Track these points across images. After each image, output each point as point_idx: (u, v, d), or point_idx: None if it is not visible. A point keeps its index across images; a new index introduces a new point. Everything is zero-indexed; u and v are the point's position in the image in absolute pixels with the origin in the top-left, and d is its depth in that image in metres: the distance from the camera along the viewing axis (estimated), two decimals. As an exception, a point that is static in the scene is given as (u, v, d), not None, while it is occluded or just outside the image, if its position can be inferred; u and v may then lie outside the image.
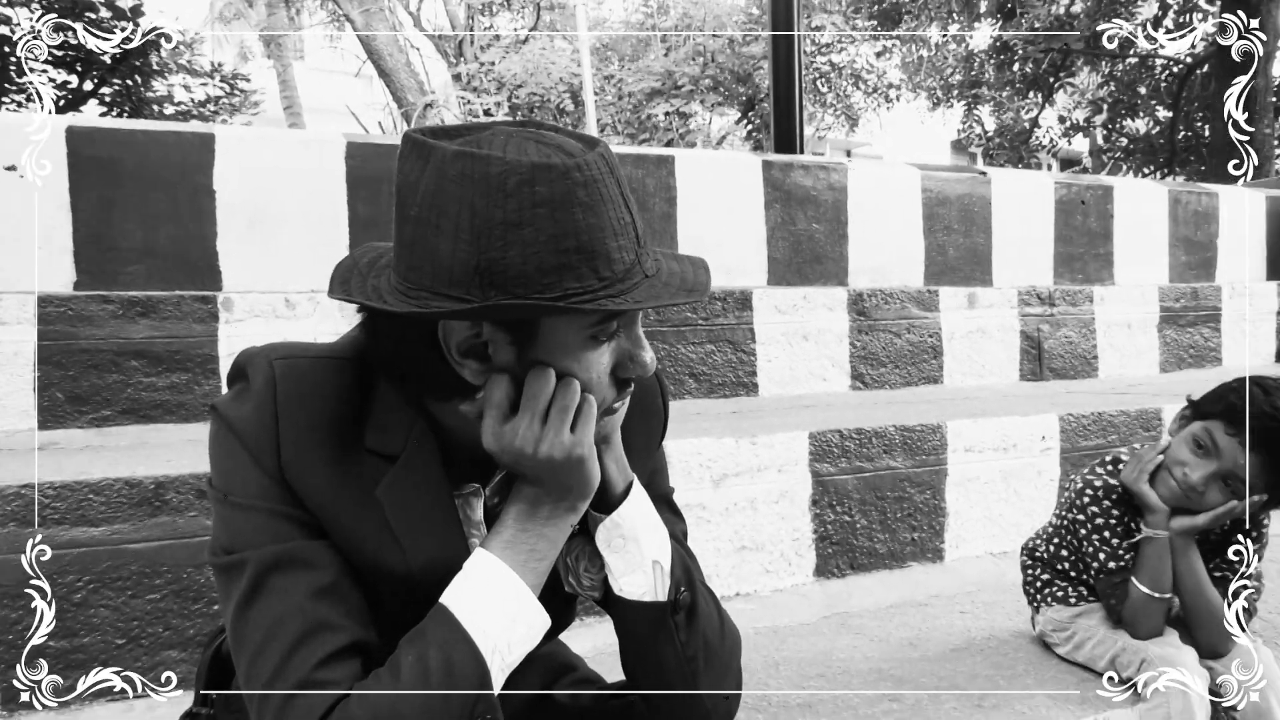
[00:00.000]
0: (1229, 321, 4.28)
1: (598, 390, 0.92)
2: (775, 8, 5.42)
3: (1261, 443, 1.57)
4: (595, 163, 0.84)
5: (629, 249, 0.87)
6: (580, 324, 0.88)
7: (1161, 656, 1.61)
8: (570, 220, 0.82)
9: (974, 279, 4.46)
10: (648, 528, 1.02)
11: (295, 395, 0.93)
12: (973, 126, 17.90)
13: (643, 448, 1.11)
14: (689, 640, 1.03)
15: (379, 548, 0.93)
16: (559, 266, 0.82)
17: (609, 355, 0.92)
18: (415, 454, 0.96)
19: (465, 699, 0.87)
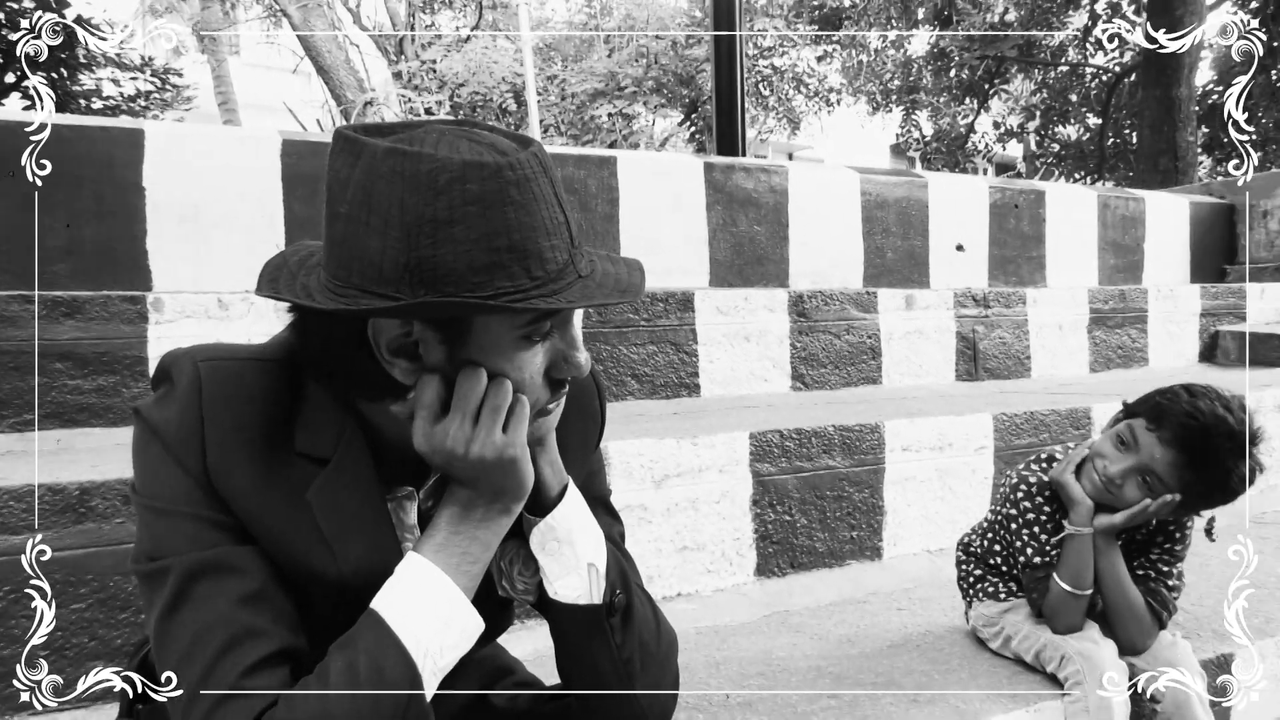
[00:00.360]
0: (1155, 323, 4.41)
1: (531, 391, 0.91)
2: (717, 9, 5.46)
3: (1177, 440, 1.61)
4: (528, 161, 0.84)
5: (562, 249, 0.86)
6: (512, 323, 0.87)
7: (1080, 651, 1.65)
8: (502, 218, 0.81)
9: (911, 281, 4.54)
10: (583, 530, 1.01)
11: (221, 398, 0.91)
12: (911, 131, 18.24)
13: (579, 449, 1.11)
14: (625, 642, 1.02)
15: (309, 552, 0.92)
16: (490, 265, 0.81)
17: (542, 356, 0.91)
18: (346, 456, 0.94)
19: (396, 703, 0.85)
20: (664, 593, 2.27)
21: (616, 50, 16.07)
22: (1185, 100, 9.74)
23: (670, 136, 17.59)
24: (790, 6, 16.30)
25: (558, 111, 15.76)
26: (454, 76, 14.81)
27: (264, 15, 18.28)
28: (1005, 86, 17.96)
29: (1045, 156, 17.85)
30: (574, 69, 16.10)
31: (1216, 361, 4.54)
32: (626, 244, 3.92)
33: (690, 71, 15.46)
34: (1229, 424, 1.61)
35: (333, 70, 13.95)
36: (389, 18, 17.41)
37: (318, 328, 0.90)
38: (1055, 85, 17.18)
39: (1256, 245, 5.57)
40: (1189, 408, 1.61)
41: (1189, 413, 1.61)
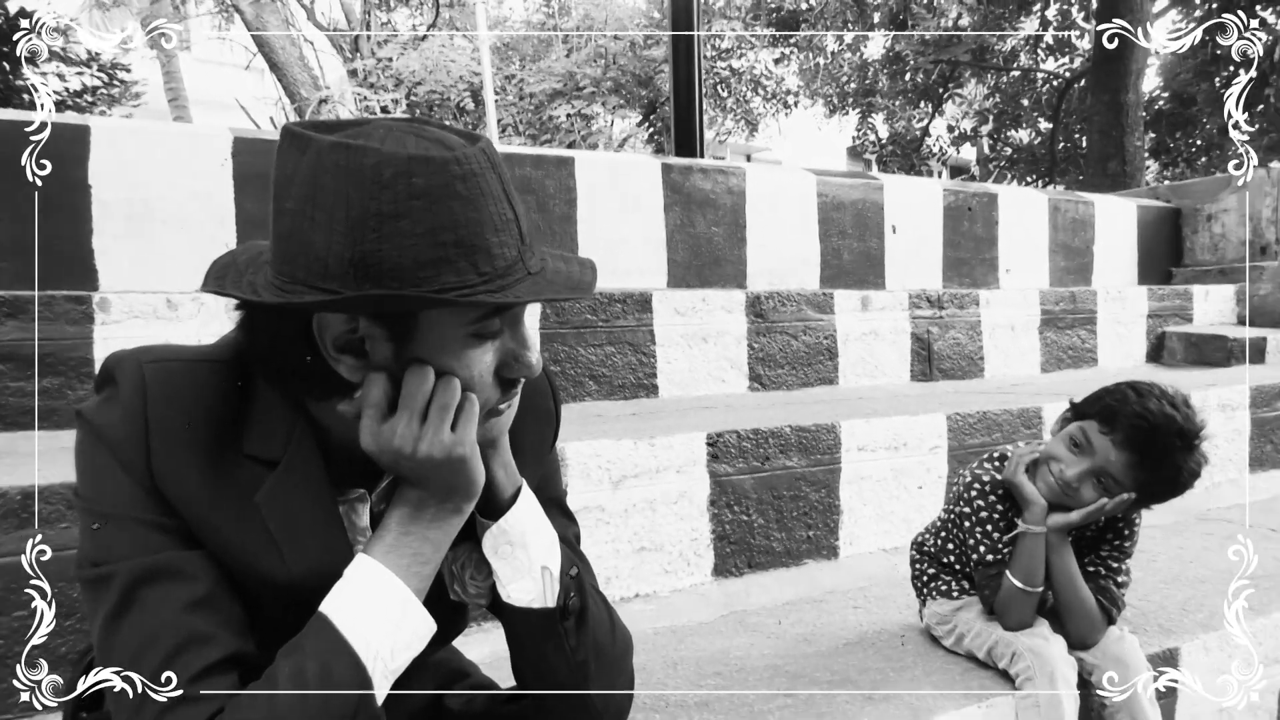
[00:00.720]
0: (1104, 324, 4.50)
1: (480, 390, 0.90)
2: (675, 10, 5.47)
3: (1130, 441, 1.64)
4: (475, 157, 0.83)
5: (511, 245, 0.85)
6: (460, 320, 0.86)
7: (1031, 647, 1.67)
8: (448, 213, 0.81)
9: (867, 282, 4.58)
10: (536, 533, 1.01)
11: (167, 400, 0.89)
12: (867, 134, 18.43)
13: (533, 450, 1.10)
14: (579, 645, 1.02)
15: (259, 555, 0.90)
16: (436, 260, 0.81)
17: (492, 354, 0.90)
18: (295, 458, 0.93)
19: (345, 706, 0.84)
20: (622, 594, 2.27)
21: (575, 50, 16.05)
22: (1133, 106, 9.95)
23: (629, 137, 17.60)
24: (748, 8, 16.40)
25: (516, 111, 15.70)
26: (410, 75, 14.68)
27: (215, 10, 17.98)
28: (959, 91, 18.23)
29: (998, 160, 18.15)
30: (532, 69, 16.04)
31: (1163, 362, 4.65)
32: (584, 244, 3.91)
33: (649, 72, 15.48)
34: (1178, 422, 1.64)
35: (286, 67, 13.75)
36: (344, 14, 17.21)
37: (265, 325, 0.88)
38: (1007, 90, 17.48)
39: (1201, 248, 5.71)
40: (1139, 409, 1.64)
41: (1140, 414, 1.64)
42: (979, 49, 15.67)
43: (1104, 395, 1.72)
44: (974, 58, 15.79)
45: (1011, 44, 16.14)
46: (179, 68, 16.54)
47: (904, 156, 17.88)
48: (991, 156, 18.62)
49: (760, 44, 17.00)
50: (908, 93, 17.51)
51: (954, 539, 1.90)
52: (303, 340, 0.87)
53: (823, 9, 15.65)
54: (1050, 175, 16.18)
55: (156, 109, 14.83)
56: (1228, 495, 3.27)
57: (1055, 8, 14.79)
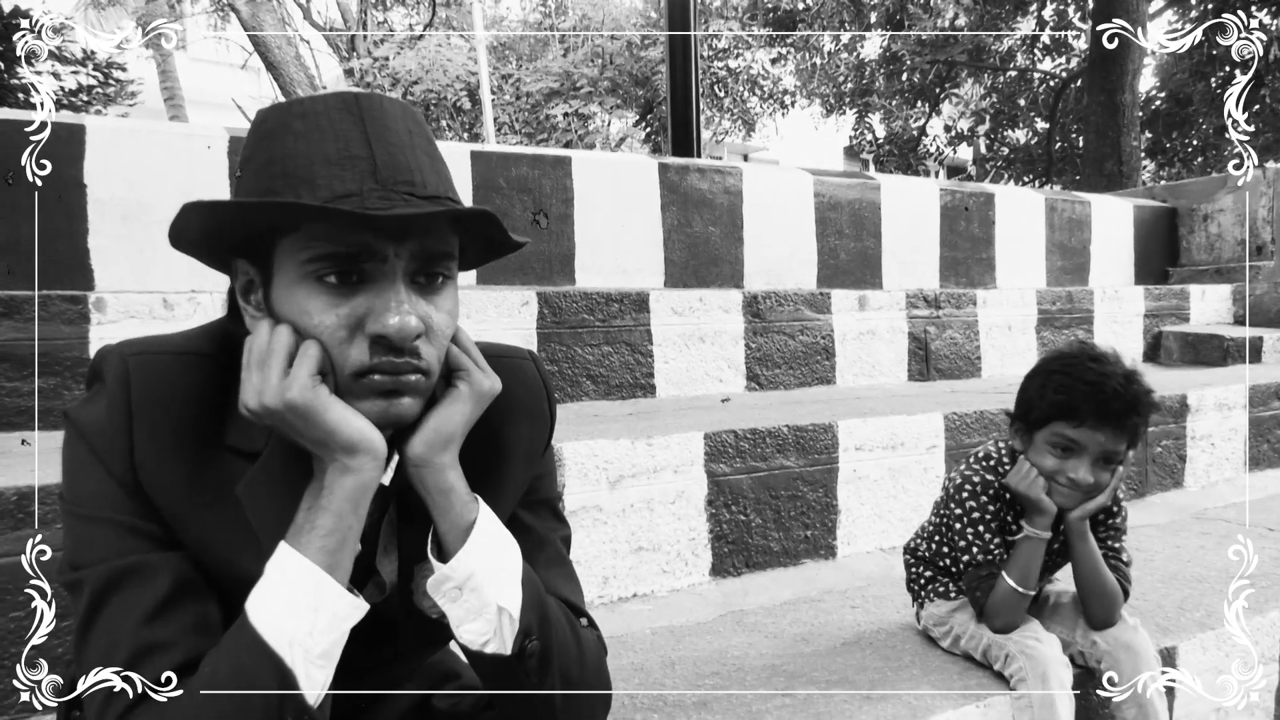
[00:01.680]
0: (1101, 323, 4.51)
1: (332, 343, 0.86)
2: (672, 10, 5.46)
3: (1104, 417, 1.61)
4: (327, 100, 0.88)
5: (350, 180, 0.84)
6: (296, 259, 0.86)
7: (1023, 649, 1.66)
8: (280, 147, 0.86)
9: (864, 282, 4.58)
10: (491, 573, 0.93)
11: (150, 393, 0.89)
12: (864, 133, 18.44)
13: (525, 453, 1.08)
14: (542, 684, 0.97)
15: (238, 549, 0.89)
16: (266, 189, 0.86)
17: (347, 308, 0.86)
18: (276, 451, 0.91)
19: (268, 703, 0.82)
20: (619, 593, 2.26)
21: (572, 50, 16.04)
22: (1129, 106, 9.96)
23: (626, 137, 17.60)
24: (745, 8, 16.40)
25: (513, 111, 15.69)
26: (407, 74, 14.67)
27: (211, 9, 17.95)
28: (956, 90, 18.25)
29: (994, 160, 18.17)
30: (529, 68, 16.04)
31: (1160, 361, 4.66)
32: (581, 244, 3.91)
33: (646, 72, 15.48)
34: (1118, 371, 1.62)
35: (282, 66, 13.74)
36: (340, 14, 17.19)
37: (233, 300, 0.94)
38: (1004, 90, 17.49)
39: (1197, 248, 5.72)
40: (1087, 387, 1.60)
41: (1091, 391, 1.60)
42: (975, 49, 15.69)
43: (1043, 394, 1.67)
44: (970, 58, 15.81)
45: (1008, 44, 16.16)
46: (175, 67, 16.50)
47: (901, 156, 17.90)
48: (988, 156, 18.64)
49: (757, 44, 17.01)
50: (904, 92, 17.52)
51: (947, 541, 1.90)
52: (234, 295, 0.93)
53: (819, 9, 15.65)
54: (1047, 175, 16.20)
55: (152, 108, 14.81)
56: (1224, 494, 3.28)
57: (1051, 8, 14.82)
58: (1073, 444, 1.65)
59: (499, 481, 1.04)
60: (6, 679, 1.55)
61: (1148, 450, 3.22)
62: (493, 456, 1.04)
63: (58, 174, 2.87)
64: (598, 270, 3.93)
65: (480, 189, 3.71)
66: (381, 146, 0.86)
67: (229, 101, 13.39)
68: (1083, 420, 1.62)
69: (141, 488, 0.88)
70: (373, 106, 0.88)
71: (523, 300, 3.04)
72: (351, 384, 0.87)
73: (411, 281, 0.88)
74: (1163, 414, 3.24)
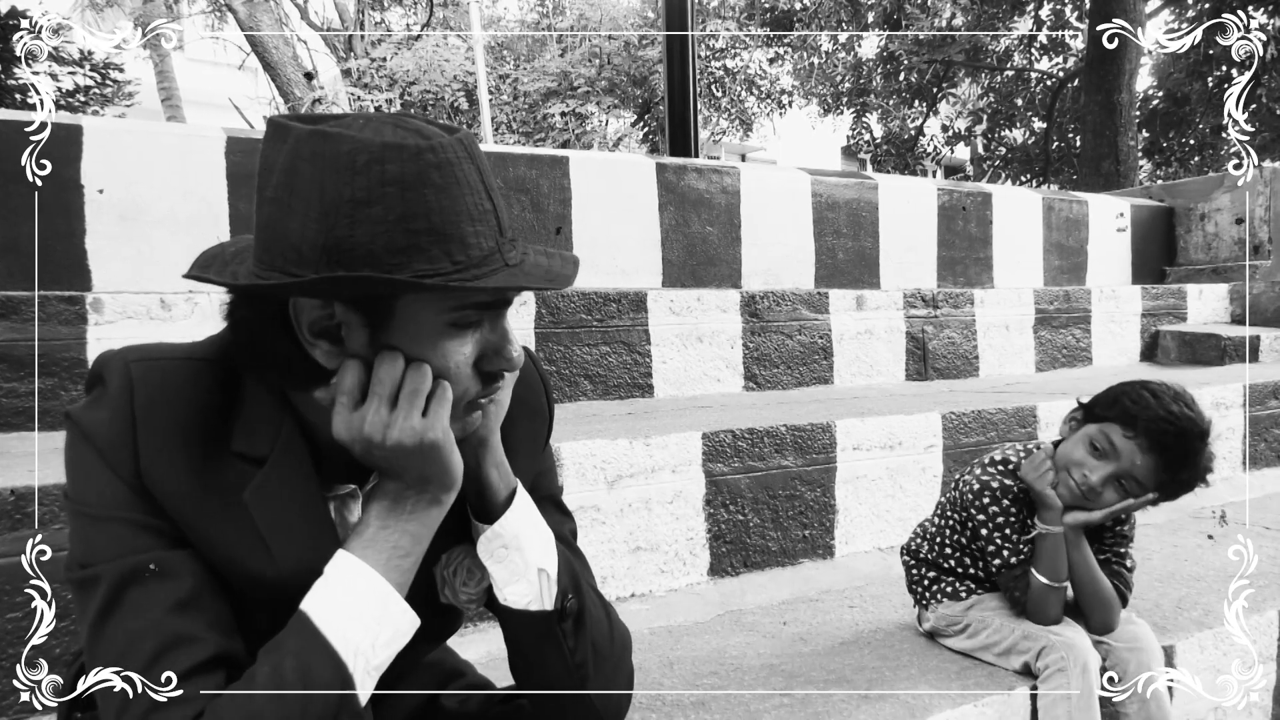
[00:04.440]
0: (1098, 323, 4.51)
1: (458, 381, 0.89)
2: (670, 10, 5.46)
3: (1156, 445, 1.64)
4: (452, 146, 0.83)
5: (488, 235, 0.85)
6: (437, 309, 0.86)
7: (1064, 639, 1.68)
8: (421, 201, 0.81)
9: (862, 282, 4.59)
10: (532, 536, 1.00)
11: (154, 399, 0.89)
12: (861, 133, 18.44)
13: (528, 449, 1.10)
14: (577, 647, 1.02)
15: (247, 553, 0.90)
16: (408, 247, 0.81)
17: (471, 346, 0.89)
18: (284, 455, 0.92)
19: (326, 704, 0.84)
20: (617, 593, 2.26)
21: (569, 50, 16.04)
22: (1126, 105, 9.97)
23: (623, 137, 17.59)
24: (742, 8, 16.40)
25: (510, 110, 15.68)
26: (404, 74, 14.66)
27: (209, 10, 17.93)
28: (953, 90, 18.25)
29: (992, 159, 18.17)
30: (526, 68, 16.03)
31: (1157, 360, 4.66)
32: (579, 244, 3.90)
33: (643, 72, 15.48)
34: (1199, 425, 1.65)
35: (280, 66, 13.72)
36: (338, 14, 17.18)
37: (246, 314, 0.89)
38: (1001, 89, 17.50)
39: (1195, 247, 5.72)
40: (1163, 412, 1.64)
41: (1164, 418, 1.63)
42: (973, 49, 15.70)
43: (1120, 397, 1.71)
44: (968, 57, 15.82)
45: (1005, 44, 16.17)
46: (172, 67, 16.49)
47: (898, 156, 17.90)
48: (986, 156, 18.64)
49: (754, 44, 17.01)
50: (902, 92, 17.53)
51: (953, 544, 1.90)
52: (281, 328, 0.87)
53: (817, 8, 15.66)
54: (1044, 175, 16.20)
55: (150, 109, 14.79)
56: (1222, 494, 3.28)
57: (1049, 7, 14.82)
58: (1110, 448, 1.68)
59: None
60: (6, 679, 1.55)
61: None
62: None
63: (56, 174, 2.87)
64: (595, 270, 3.93)
65: (478, 189, 3.71)
66: (494, 195, 0.87)
67: (226, 102, 13.36)
68: (1136, 434, 1.65)
69: (148, 491, 0.87)
70: (474, 149, 0.86)
71: (520, 300, 3.04)
72: (460, 411, 0.91)
73: None
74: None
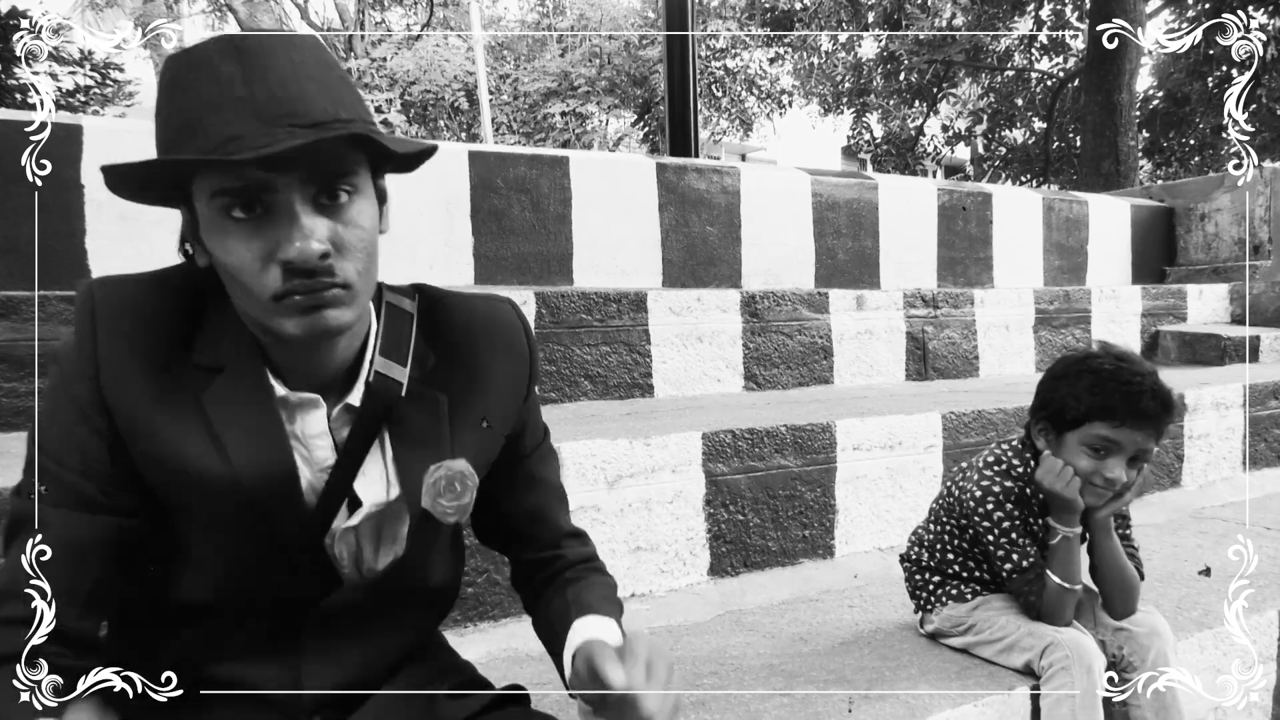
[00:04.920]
0: (1098, 323, 4.51)
1: (248, 275, 0.91)
2: (670, 10, 5.47)
3: (1142, 415, 1.62)
4: (210, 45, 0.90)
5: (234, 123, 0.87)
6: (206, 200, 0.91)
7: (1071, 639, 1.66)
8: (173, 101, 0.91)
9: (862, 282, 4.59)
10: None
11: (115, 310, 0.97)
12: (862, 133, 18.45)
13: (511, 388, 1.12)
14: None
15: (201, 451, 0.95)
16: (170, 142, 0.91)
17: (259, 240, 0.90)
18: (241, 364, 0.99)
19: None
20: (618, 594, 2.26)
21: (569, 50, 16.04)
22: (1126, 105, 9.97)
23: (623, 137, 17.59)
24: (743, 8, 16.40)
25: (510, 111, 15.68)
26: (404, 75, 14.66)
27: (209, 9, 17.92)
28: (953, 90, 18.26)
29: (992, 159, 18.18)
30: (527, 68, 16.03)
31: (1157, 360, 4.66)
32: (579, 244, 3.91)
33: (643, 72, 15.49)
34: (1147, 366, 1.66)
35: (280, 67, 13.69)
36: (338, 14, 17.18)
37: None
38: (1001, 90, 17.50)
39: (1195, 248, 5.72)
40: (1129, 387, 1.62)
41: (1134, 392, 1.61)
42: (973, 49, 15.71)
43: (1078, 396, 1.68)
44: (968, 57, 15.82)
45: (1005, 44, 16.17)
46: (172, 67, 16.47)
47: (899, 156, 17.91)
48: (986, 156, 18.65)
49: (755, 44, 17.01)
50: (902, 92, 17.53)
51: (954, 549, 1.89)
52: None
53: (817, 8, 15.66)
54: (1044, 175, 16.21)
55: (150, 109, 14.79)
56: (1222, 493, 3.28)
57: (1049, 7, 14.83)
58: (1110, 444, 1.66)
59: (480, 404, 1.09)
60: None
61: (1145, 449, 3.22)
62: (468, 381, 1.09)
63: (56, 174, 2.86)
64: (595, 270, 3.93)
65: (478, 189, 3.71)
66: (261, 85, 0.89)
67: (226, 102, 13.36)
68: (1121, 421, 1.63)
69: (106, 406, 0.94)
70: (251, 46, 0.90)
71: (520, 300, 3.04)
72: (274, 307, 0.91)
73: (316, 203, 0.92)
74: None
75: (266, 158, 0.85)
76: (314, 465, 1.01)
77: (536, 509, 1.19)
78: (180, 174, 0.92)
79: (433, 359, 1.07)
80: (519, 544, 1.21)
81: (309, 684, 1.04)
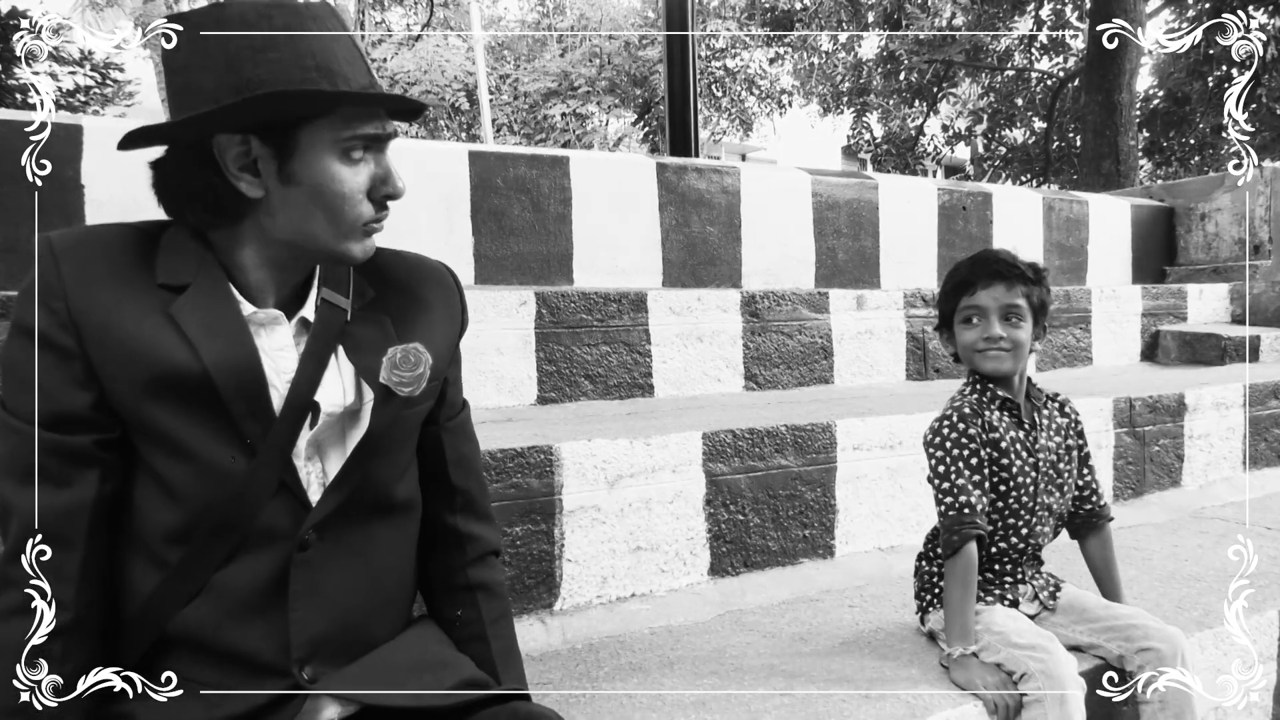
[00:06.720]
0: (1098, 323, 4.51)
1: (352, 204, 1.05)
2: (670, 10, 5.46)
3: (984, 274, 1.78)
4: (322, 6, 1.03)
5: (362, 74, 1.04)
6: (331, 139, 1.02)
7: (1044, 669, 1.61)
8: (306, 44, 1.00)
9: (862, 281, 4.59)
10: None
11: (76, 243, 1.04)
12: (862, 133, 18.45)
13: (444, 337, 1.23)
14: None
15: (174, 350, 1.01)
16: (302, 79, 0.99)
17: (364, 177, 1.06)
18: (204, 279, 1.06)
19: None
20: (618, 593, 2.26)
21: (570, 50, 16.05)
22: (1127, 105, 9.97)
23: (624, 137, 17.60)
24: (743, 8, 16.40)
25: (510, 111, 15.69)
26: (405, 75, 14.67)
27: (209, 10, 17.89)
28: (953, 90, 18.25)
29: (992, 159, 18.18)
30: (527, 68, 16.04)
31: (1158, 360, 4.66)
32: (579, 244, 3.90)
33: (643, 72, 15.49)
34: (991, 248, 1.88)
35: (281, 67, 13.69)
36: (338, 14, 17.17)
37: (174, 165, 1.07)
38: (1001, 89, 17.50)
39: (1195, 247, 5.72)
40: (972, 258, 1.83)
41: (968, 260, 1.83)
42: (973, 48, 15.71)
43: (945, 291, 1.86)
44: (968, 57, 15.82)
45: (1005, 43, 16.17)
46: (172, 67, 16.46)
47: (899, 156, 17.90)
48: (986, 156, 18.65)
49: (755, 44, 17.01)
50: (902, 92, 17.53)
51: None
52: (206, 168, 1.03)
53: (817, 8, 15.66)
54: (1044, 174, 16.20)
55: (150, 109, 14.79)
56: (1222, 493, 3.28)
57: (1049, 7, 14.83)
58: (976, 309, 1.80)
59: (423, 327, 1.20)
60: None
61: (1145, 449, 3.22)
62: (409, 306, 1.20)
63: (56, 174, 2.87)
64: (595, 270, 3.93)
65: (478, 189, 3.71)
66: (365, 52, 1.07)
67: (227, 102, 13.34)
68: (975, 284, 1.79)
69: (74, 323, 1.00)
70: (341, 15, 1.06)
71: (520, 300, 3.04)
72: (360, 230, 1.08)
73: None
74: (1160, 412, 3.25)
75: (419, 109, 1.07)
76: (281, 375, 1.08)
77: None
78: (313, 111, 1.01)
79: (372, 292, 1.18)
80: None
81: (297, 636, 1.06)
